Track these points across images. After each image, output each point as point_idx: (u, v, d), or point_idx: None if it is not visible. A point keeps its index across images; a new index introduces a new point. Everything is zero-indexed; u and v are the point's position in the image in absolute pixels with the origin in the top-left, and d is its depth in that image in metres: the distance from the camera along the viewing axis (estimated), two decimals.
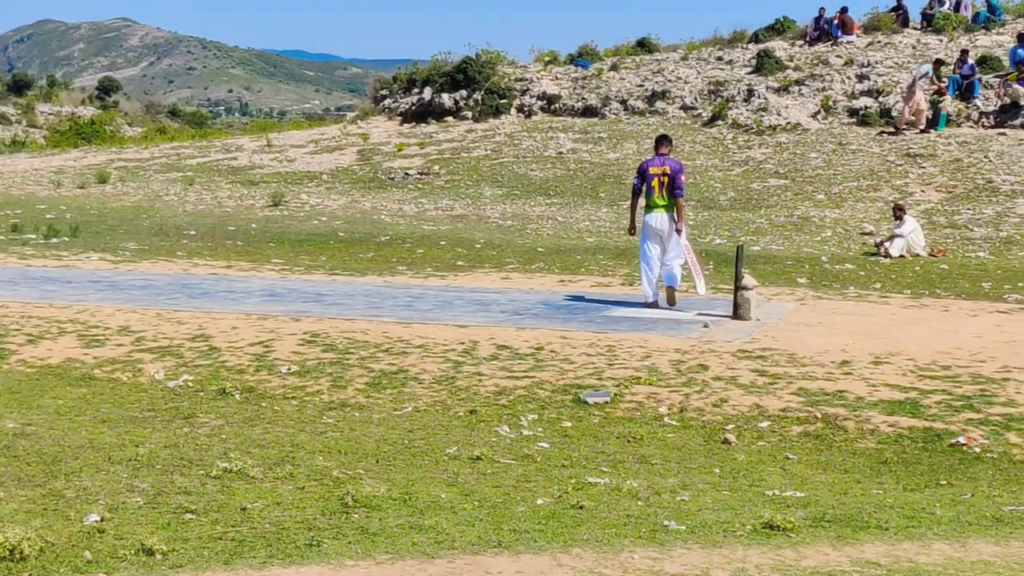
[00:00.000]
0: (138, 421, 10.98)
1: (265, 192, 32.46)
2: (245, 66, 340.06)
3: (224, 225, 26.82)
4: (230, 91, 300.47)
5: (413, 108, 43.46)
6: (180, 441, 10.11)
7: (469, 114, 41.71)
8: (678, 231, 16.65)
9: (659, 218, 16.61)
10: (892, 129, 33.53)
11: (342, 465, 9.32)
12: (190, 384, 12.64)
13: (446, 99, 42.43)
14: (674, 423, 11.29)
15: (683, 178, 16.70)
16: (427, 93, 43.14)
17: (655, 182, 16.53)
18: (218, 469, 8.98)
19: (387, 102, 45.09)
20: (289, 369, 13.10)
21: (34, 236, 24.48)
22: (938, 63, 34.59)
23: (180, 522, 7.78)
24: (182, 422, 10.96)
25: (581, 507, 8.29)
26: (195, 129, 65.73)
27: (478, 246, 23.51)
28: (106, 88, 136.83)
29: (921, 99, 33.28)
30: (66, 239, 23.98)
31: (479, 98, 41.90)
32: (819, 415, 11.28)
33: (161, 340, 14.42)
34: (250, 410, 11.57)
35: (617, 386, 12.24)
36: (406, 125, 42.58)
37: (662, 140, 17.19)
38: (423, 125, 41.83)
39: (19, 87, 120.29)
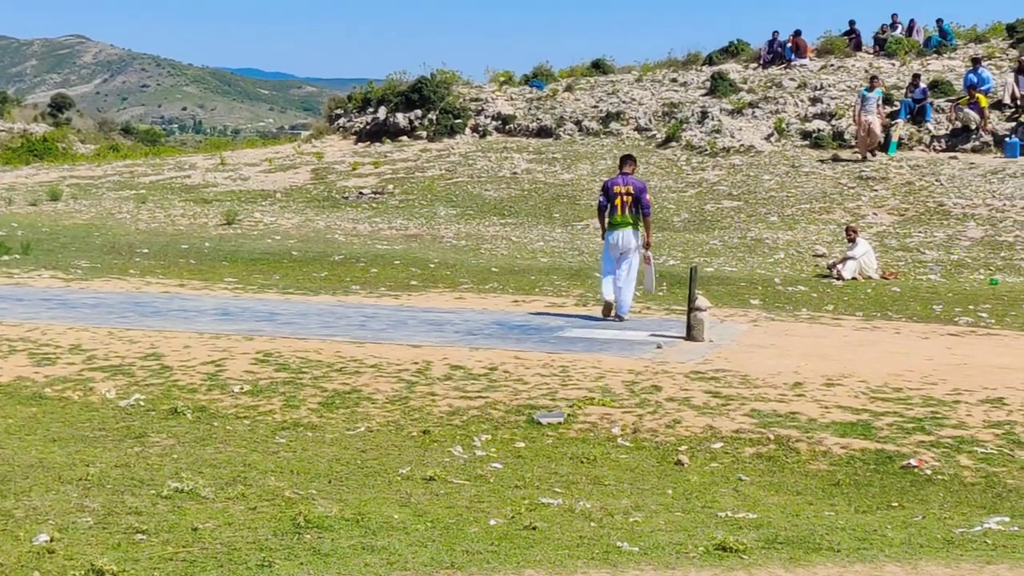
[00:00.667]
0: (89, 440, 10.88)
1: (218, 210, 32.33)
2: (199, 84, 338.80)
3: (177, 243, 26.68)
4: (184, 109, 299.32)
5: (368, 127, 43.44)
6: (131, 461, 10.02)
7: (424, 134, 41.73)
8: (646, 245, 17.44)
9: (621, 235, 17.24)
10: (860, 157, 33.47)
11: (294, 485, 9.27)
12: (141, 403, 12.54)
13: (401, 119, 42.42)
14: (627, 444, 11.29)
15: (648, 197, 17.39)
16: (382, 112, 43.13)
17: (618, 200, 17.15)
18: (169, 489, 8.91)
19: (342, 121, 45.05)
20: (241, 388, 13.02)
21: None
22: (873, 79, 34.98)
23: (131, 542, 7.71)
24: (133, 441, 10.87)
25: (534, 528, 8.27)
26: (148, 147, 65.38)
27: (432, 266, 23.48)
28: (59, 105, 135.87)
29: (873, 121, 33.31)
30: (17, 256, 23.79)
31: (434, 118, 41.94)
32: (772, 437, 11.30)
33: (113, 359, 14.31)
34: (202, 430, 11.49)
35: (571, 407, 12.23)
36: (361, 144, 42.56)
37: (626, 160, 17.73)
38: (378, 144, 41.81)
39: None
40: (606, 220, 17.39)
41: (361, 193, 34.55)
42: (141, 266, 23.19)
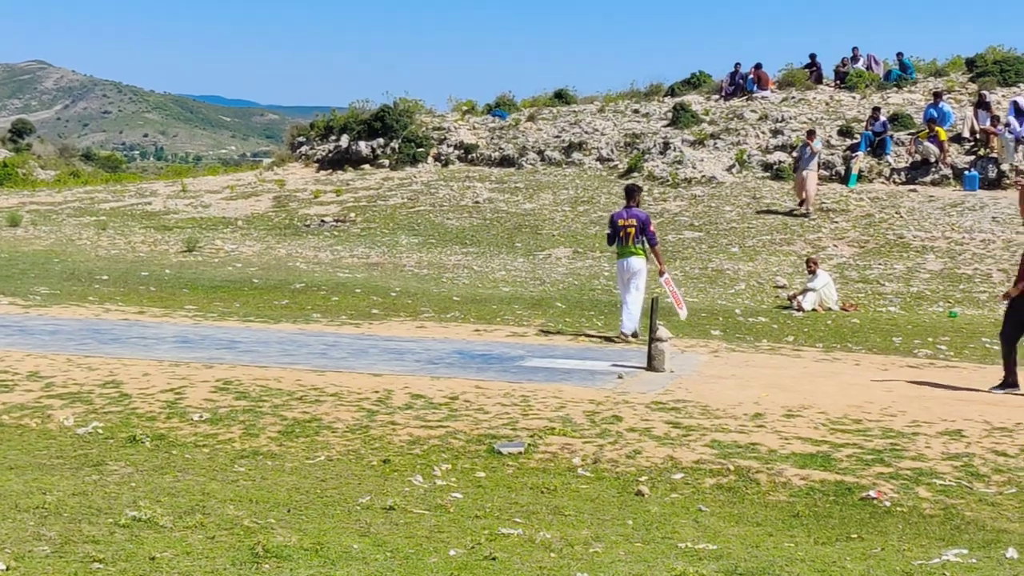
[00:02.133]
0: (46, 468, 10.78)
1: (179, 237, 32.21)
2: (161, 111, 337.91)
3: (137, 270, 26.55)
4: (145, 135, 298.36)
5: (330, 155, 43.40)
6: (89, 489, 9.93)
7: (386, 162, 41.72)
8: (660, 273, 19.02)
9: (627, 263, 18.73)
10: (802, 212, 32.07)
11: (253, 514, 9.21)
12: (100, 431, 12.44)
13: (363, 147, 42.42)
14: (588, 474, 11.28)
15: (652, 228, 18.77)
16: (344, 140, 43.11)
17: (622, 233, 18.64)
18: (127, 518, 8.83)
19: (304, 149, 45.00)
20: (201, 417, 12.94)
21: None
22: (810, 134, 33.31)
23: (87, 571, 7.64)
24: (91, 470, 10.77)
25: (494, 558, 8.24)
26: (109, 173, 65.09)
27: (393, 294, 23.45)
28: (19, 131, 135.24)
29: (810, 180, 32.12)
30: None
31: (396, 146, 41.95)
32: (732, 467, 11.31)
33: (71, 386, 14.20)
34: (160, 458, 11.40)
35: (531, 436, 12.22)
36: (323, 172, 42.52)
37: (631, 193, 19.24)
38: (340, 172, 41.78)
39: None
40: (616, 249, 18.88)
41: (323, 221, 34.49)
42: (101, 293, 23.05)
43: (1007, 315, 15.13)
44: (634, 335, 18.73)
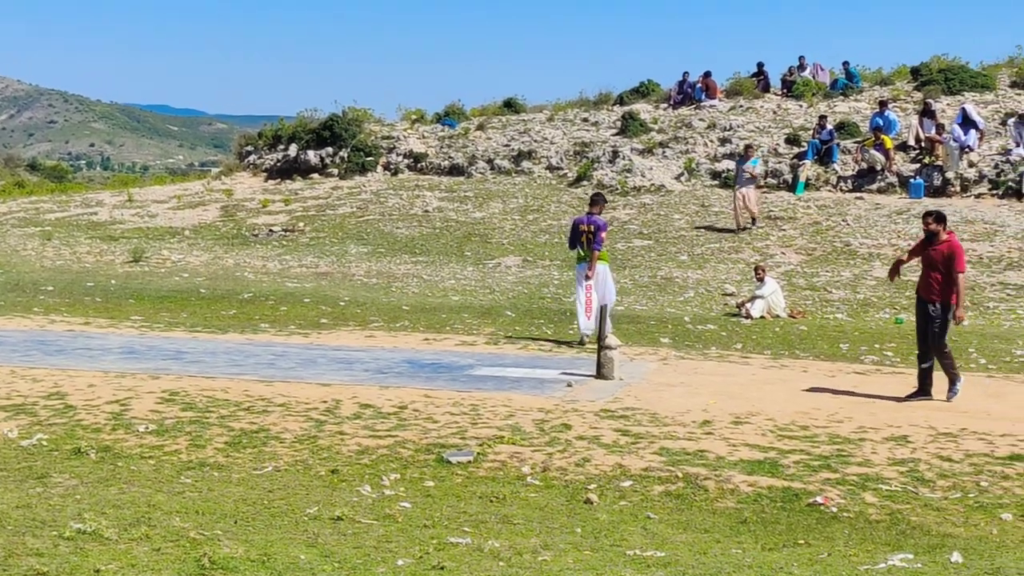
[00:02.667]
0: None
1: (125, 248, 32.00)
2: (108, 120, 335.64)
3: (83, 281, 26.36)
4: (92, 145, 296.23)
5: (279, 164, 43.25)
6: (33, 501, 9.85)
7: (335, 171, 41.61)
8: (587, 277, 19.16)
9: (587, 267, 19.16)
10: (733, 227, 31.27)
11: (199, 526, 9.14)
12: (44, 443, 12.34)
13: (312, 156, 42.29)
14: (537, 483, 11.28)
15: (603, 235, 19.30)
16: (293, 150, 42.97)
17: (583, 237, 19.23)
18: (72, 530, 8.75)
19: (252, 158, 44.81)
20: (147, 428, 12.86)
21: None
22: (748, 149, 32.81)
23: None
24: (35, 482, 10.68)
25: (442, 568, 8.22)
26: (55, 183, 64.57)
27: (342, 304, 23.39)
28: None
29: (749, 195, 31.24)
30: None
31: (345, 155, 41.85)
32: (680, 475, 11.34)
33: (15, 398, 14.09)
34: (106, 470, 11.32)
35: (480, 445, 12.21)
36: (271, 181, 42.36)
37: (594, 200, 19.82)
38: (288, 182, 41.62)
39: None
40: (577, 253, 19.46)
41: (271, 231, 34.35)
42: (45, 304, 22.87)
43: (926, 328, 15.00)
44: (580, 342, 18.98)
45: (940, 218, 14.96)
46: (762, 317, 22.21)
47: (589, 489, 11.04)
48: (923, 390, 14.88)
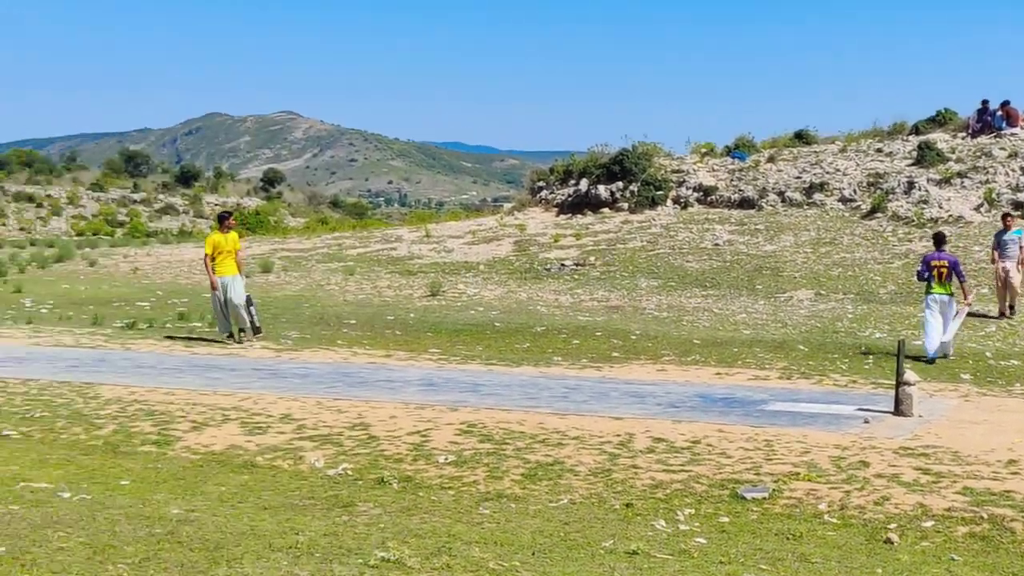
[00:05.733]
0: (298, 509, 11.10)
1: (423, 282, 32.86)
2: (405, 158, 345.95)
3: (383, 314, 27.17)
4: (390, 182, 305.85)
5: (569, 199, 43.77)
6: (339, 529, 10.19)
7: (625, 205, 41.88)
8: (967, 304, 21.62)
9: (939, 298, 21.10)
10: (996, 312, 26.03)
11: (498, 557, 9.31)
12: (349, 472, 12.76)
13: (602, 190, 42.67)
14: (834, 520, 11.09)
15: (961, 268, 21.74)
16: (583, 184, 43.45)
17: (935, 272, 21.17)
18: (376, 558, 9.02)
19: (543, 193, 45.47)
20: (446, 459, 13.15)
21: (199, 324, 25.07)
22: (1006, 217, 27.49)
23: None
24: (341, 510, 11.05)
25: None
26: (356, 220, 66.91)
27: (634, 337, 23.46)
28: (270, 179, 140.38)
29: (1011, 268, 25.78)
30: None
31: (635, 189, 42.06)
32: (985, 516, 10.98)
33: (321, 428, 14.62)
34: (407, 499, 11.63)
35: (775, 481, 12.08)
36: (562, 216, 42.87)
37: (939, 239, 21.93)
38: (579, 216, 42.07)
39: (187, 178, 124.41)
40: (926, 286, 21.38)
41: (563, 265, 34.75)
42: (348, 337, 23.66)
43: None
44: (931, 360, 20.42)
45: None
46: None
47: (889, 528, 10.79)
48: None
